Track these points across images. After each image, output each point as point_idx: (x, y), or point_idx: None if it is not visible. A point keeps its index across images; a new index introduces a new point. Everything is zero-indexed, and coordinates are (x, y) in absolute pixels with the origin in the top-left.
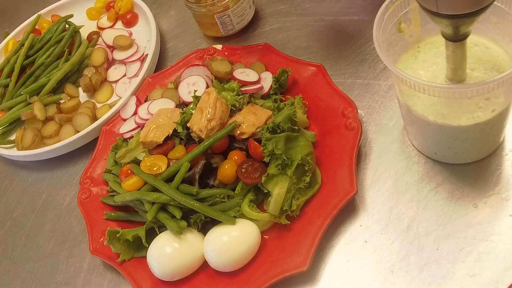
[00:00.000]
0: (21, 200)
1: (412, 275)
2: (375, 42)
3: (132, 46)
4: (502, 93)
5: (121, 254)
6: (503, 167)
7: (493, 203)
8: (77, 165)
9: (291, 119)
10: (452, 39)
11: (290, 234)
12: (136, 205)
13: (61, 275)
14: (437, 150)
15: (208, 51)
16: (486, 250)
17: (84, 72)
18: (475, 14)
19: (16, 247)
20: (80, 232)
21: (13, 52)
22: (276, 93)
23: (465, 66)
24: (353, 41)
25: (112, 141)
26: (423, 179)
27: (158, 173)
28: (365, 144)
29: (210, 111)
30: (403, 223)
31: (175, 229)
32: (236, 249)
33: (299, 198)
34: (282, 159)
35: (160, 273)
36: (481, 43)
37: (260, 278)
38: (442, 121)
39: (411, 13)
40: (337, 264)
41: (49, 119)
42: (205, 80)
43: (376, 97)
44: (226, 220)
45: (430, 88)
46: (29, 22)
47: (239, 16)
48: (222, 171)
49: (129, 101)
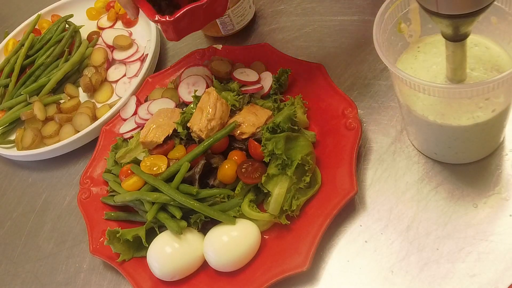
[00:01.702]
0: (21, 200)
1: (412, 275)
2: (375, 42)
3: (132, 46)
4: (502, 93)
5: (121, 254)
6: (503, 167)
7: (493, 203)
8: (77, 165)
9: (291, 119)
10: (452, 39)
11: (290, 234)
12: (136, 205)
13: (61, 275)
14: (437, 150)
15: (208, 51)
16: (486, 250)
17: (84, 72)
18: (475, 14)
19: (16, 247)
20: (80, 232)
21: (13, 52)
22: (276, 93)
23: (465, 66)
24: (353, 41)
25: (112, 141)
26: (423, 179)
27: (158, 173)
28: (365, 144)
29: (210, 111)
30: (403, 223)
31: (175, 229)
32: (236, 249)
33: (299, 198)
34: (282, 159)
35: (160, 273)
36: (481, 43)
37: (260, 278)
38: (442, 121)
39: (411, 13)
40: (337, 264)
41: (49, 119)
42: (205, 80)
43: (376, 97)
44: (226, 220)
45: (430, 88)
46: (29, 22)
47: (239, 16)
48: (222, 171)
49: (129, 101)
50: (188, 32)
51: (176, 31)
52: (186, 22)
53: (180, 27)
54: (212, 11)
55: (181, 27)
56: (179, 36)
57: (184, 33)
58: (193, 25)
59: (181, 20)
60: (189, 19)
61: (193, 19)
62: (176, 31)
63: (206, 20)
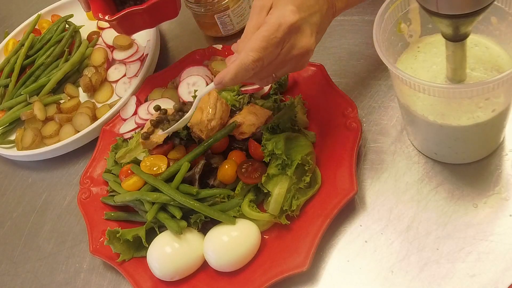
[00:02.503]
0: (21, 200)
1: (412, 275)
2: (375, 42)
3: (132, 46)
4: (502, 93)
5: (121, 254)
6: (503, 167)
7: (493, 203)
8: (77, 165)
9: (291, 119)
10: (452, 39)
11: (290, 234)
12: (136, 205)
13: (61, 275)
14: (437, 150)
15: (208, 51)
16: (486, 250)
17: (84, 72)
18: (475, 14)
19: (16, 247)
20: (80, 232)
21: (13, 52)
22: (276, 93)
23: (465, 66)
24: (353, 41)
25: (112, 141)
26: (423, 179)
27: (158, 173)
28: (365, 144)
29: (210, 111)
30: (403, 223)
31: (175, 229)
32: (236, 249)
33: (299, 198)
34: (282, 159)
35: (160, 273)
36: (481, 43)
37: (260, 278)
38: (442, 121)
39: (411, 13)
40: (337, 264)
41: (49, 119)
42: (205, 80)
43: (376, 97)
44: (226, 220)
45: (430, 88)
46: (29, 22)
47: (239, 16)
48: (222, 171)
49: (129, 101)
50: (138, 30)
51: (122, 28)
52: (129, 22)
53: (125, 26)
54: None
55: (127, 26)
56: (128, 32)
57: (132, 31)
58: (140, 25)
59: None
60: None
61: (136, 20)
62: (123, 28)
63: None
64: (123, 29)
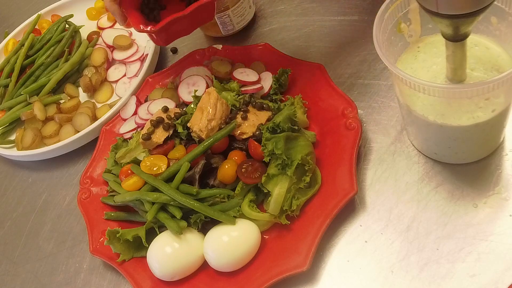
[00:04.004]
0: (21, 200)
1: (412, 275)
2: (375, 42)
3: (132, 46)
4: (502, 93)
5: (121, 254)
6: (503, 167)
7: (493, 203)
8: (77, 165)
9: (291, 119)
10: (452, 39)
11: (290, 234)
12: (136, 205)
13: (61, 275)
14: (437, 150)
15: (208, 51)
16: (486, 250)
17: (84, 72)
18: (475, 14)
19: (16, 247)
20: (80, 232)
21: (13, 52)
22: (276, 93)
23: (465, 66)
24: (353, 41)
25: (112, 141)
26: (423, 179)
27: (158, 173)
28: (365, 144)
29: (211, 111)
30: (403, 223)
31: (175, 229)
32: (236, 249)
33: (299, 198)
34: (282, 159)
35: (160, 273)
36: (481, 43)
37: (260, 278)
38: (442, 121)
39: (411, 13)
40: (337, 264)
41: (49, 119)
42: (205, 80)
43: (376, 97)
44: (226, 220)
45: (430, 88)
46: (29, 22)
47: (239, 16)
48: (222, 171)
49: (129, 101)
50: (175, 38)
51: (161, 38)
52: (170, 30)
53: (165, 34)
54: (198, 19)
55: (167, 35)
56: (166, 42)
57: (171, 39)
58: (179, 32)
59: (164, 29)
60: (173, 28)
61: (177, 27)
62: (162, 38)
63: (193, 26)
64: (162, 39)
